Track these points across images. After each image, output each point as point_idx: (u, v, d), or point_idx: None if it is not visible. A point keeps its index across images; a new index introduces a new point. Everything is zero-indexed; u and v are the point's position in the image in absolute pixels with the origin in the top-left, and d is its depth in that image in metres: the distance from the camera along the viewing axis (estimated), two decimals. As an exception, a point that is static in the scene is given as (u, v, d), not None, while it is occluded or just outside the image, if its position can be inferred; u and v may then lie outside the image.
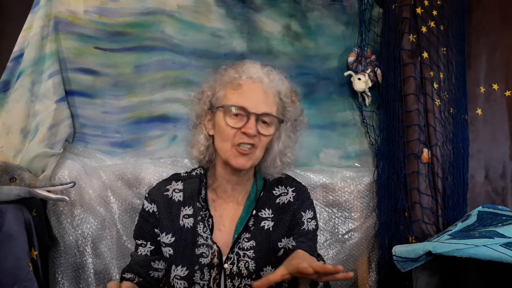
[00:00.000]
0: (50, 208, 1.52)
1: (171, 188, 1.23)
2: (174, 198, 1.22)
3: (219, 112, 1.16)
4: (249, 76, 1.15)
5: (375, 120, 1.84)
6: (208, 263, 1.16)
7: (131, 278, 1.21)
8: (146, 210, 1.22)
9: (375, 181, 1.75)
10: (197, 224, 1.19)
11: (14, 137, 1.51)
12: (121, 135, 1.67)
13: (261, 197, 1.24)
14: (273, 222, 1.21)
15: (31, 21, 1.59)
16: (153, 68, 1.71)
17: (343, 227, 1.72)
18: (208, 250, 1.17)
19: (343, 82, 1.86)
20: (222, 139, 1.15)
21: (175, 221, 1.19)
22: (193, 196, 1.21)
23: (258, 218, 1.21)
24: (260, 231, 1.20)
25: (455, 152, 1.67)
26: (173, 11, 1.73)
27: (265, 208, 1.22)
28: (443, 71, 1.70)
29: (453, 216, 1.60)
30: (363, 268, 1.72)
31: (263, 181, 1.27)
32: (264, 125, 1.16)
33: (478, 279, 1.25)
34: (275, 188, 1.26)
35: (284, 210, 1.23)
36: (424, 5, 1.69)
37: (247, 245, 1.18)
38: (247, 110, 1.12)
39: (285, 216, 1.22)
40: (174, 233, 1.19)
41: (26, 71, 1.55)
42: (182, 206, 1.21)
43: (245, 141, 1.13)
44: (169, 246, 1.19)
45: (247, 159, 1.15)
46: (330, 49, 1.88)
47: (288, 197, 1.25)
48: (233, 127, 1.13)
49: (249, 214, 1.21)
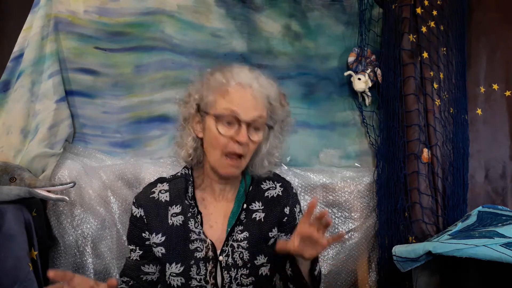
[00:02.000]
0: (50, 208, 1.51)
1: (157, 190, 1.26)
2: (161, 199, 1.24)
3: (210, 119, 1.17)
4: (238, 82, 1.16)
5: (375, 120, 1.84)
6: (203, 257, 1.19)
7: (127, 281, 1.24)
8: (134, 215, 1.24)
9: (375, 181, 1.75)
10: (188, 221, 1.21)
11: (14, 137, 1.51)
12: (121, 135, 1.67)
13: (250, 191, 1.28)
14: (264, 213, 1.26)
15: (31, 21, 1.59)
16: (153, 68, 1.71)
17: (343, 227, 1.72)
18: (202, 244, 1.20)
19: (343, 82, 1.86)
20: (213, 146, 1.17)
21: (163, 221, 1.21)
22: (180, 195, 1.24)
23: (250, 211, 1.25)
24: (252, 222, 1.24)
25: (455, 152, 1.67)
26: (173, 11, 1.73)
27: (255, 201, 1.27)
28: (443, 71, 1.70)
29: (453, 216, 1.60)
30: (363, 268, 1.72)
31: (250, 176, 1.31)
32: (254, 131, 1.18)
33: (478, 279, 1.25)
34: (263, 182, 1.31)
35: (274, 203, 1.28)
36: (424, 5, 1.69)
37: (240, 237, 1.22)
38: (239, 117, 1.14)
39: (275, 208, 1.27)
40: (164, 232, 1.21)
41: (26, 71, 1.54)
42: (169, 205, 1.23)
43: (235, 150, 1.15)
44: (160, 245, 1.21)
45: (236, 168, 1.19)
46: (330, 49, 1.88)
47: (277, 191, 1.29)
48: (225, 135, 1.14)
49: (240, 208, 1.25)
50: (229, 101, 1.14)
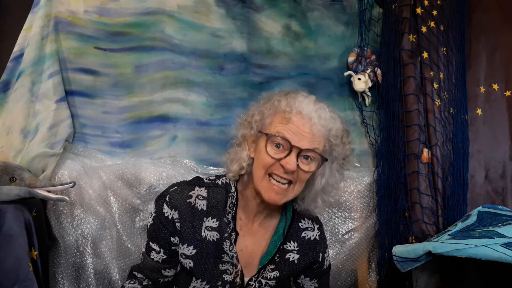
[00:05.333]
0: (50, 208, 1.51)
1: (194, 195, 1.19)
2: (197, 206, 1.17)
3: (262, 138, 1.14)
4: (299, 111, 1.12)
5: (375, 120, 1.84)
6: (231, 281, 1.17)
7: (141, 278, 1.21)
8: (166, 216, 1.17)
9: (375, 181, 1.75)
10: (223, 240, 1.16)
11: (14, 137, 1.51)
12: (121, 135, 1.67)
13: (289, 231, 1.23)
14: (298, 255, 1.22)
15: (31, 21, 1.58)
16: (153, 68, 1.70)
17: (343, 227, 1.72)
18: (232, 268, 1.17)
19: (343, 82, 1.86)
20: (259, 165, 1.13)
21: (197, 232, 1.16)
22: (218, 208, 1.17)
23: (284, 250, 1.22)
24: (285, 262, 1.21)
25: (455, 152, 1.67)
26: (173, 11, 1.73)
27: (291, 241, 1.23)
28: (443, 71, 1.70)
29: (453, 216, 1.60)
30: (363, 268, 1.72)
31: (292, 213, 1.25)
32: (306, 161, 1.12)
33: (478, 279, 1.25)
34: (302, 220, 1.26)
35: (310, 246, 1.24)
36: (424, 5, 1.69)
37: (270, 275, 1.20)
38: (290, 143, 1.09)
39: (310, 252, 1.24)
40: (196, 245, 1.16)
41: (26, 71, 1.54)
42: (205, 216, 1.17)
43: (281, 174, 1.10)
44: (190, 258, 1.16)
45: (282, 197, 1.13)
46: (330, 49, 1.87)
47: (314, 234, 1.26)
48: (272, 157, 1.10)
49: (276, 249, 1.21)
50: (286, 126, 1.11)
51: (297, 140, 1.10)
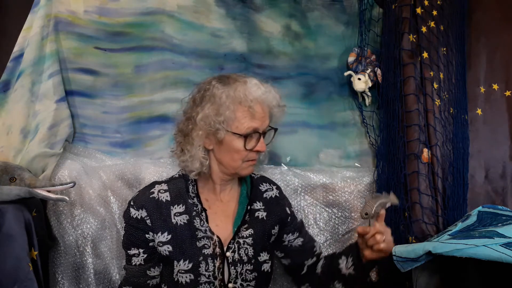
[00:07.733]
0: (50, 208, 1.52)
1: (156, 190, 1.28)
2: (161, 199, 1.26)
3: (232, 136, 1.23)
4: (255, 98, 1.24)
5: (375, 120, 1.84)
6: (211, 253, 1.23)
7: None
8: (134, 218, 1.24)
9: (375, 181, 1.75)
10: (193, 219, 1.25)
11: (14, 137, 1.51)
12: (121, 135, 1.67)
13: (252, 193, 1.36)
14: (265, 213, 1.35)
15: (31, 21, 1.58)
16: (153, 68, 1.70)
17: (343, 227, 1.73)
18: (209, 241, 1.24)
19: (343, 82, 1.86)
20: (234, 158, 1.26)
21: (167, 220, 1.24)
22: (181, 194, 1.28)
23: (252, 210, 1.33)
24: (255, 220, 1.32)
25: (455, 152, 1.67)
26: (173, 11, 1.73)
27: (256, 201, 1.36)
28: (443, 71, 1.69)
29: (453, 216, 1.60)
30: (363, 268, 1.72)
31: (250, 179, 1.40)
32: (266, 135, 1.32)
33: (478, 279, 1.25)
34: (260, 184, 1.41)
35: (273, 203, 1.39)
36: (424, 5, 1.69)
37: (245, 233, 1.28)
38: (259, 131, 1.26)
39: (275, 208, 1.38)
40: (169, 231, 1.24)
41: (26, 71, 1.54)
42: (171, 205, 1.26)
43: (254, 156, 1.29)
44: (167, 243, 1.23)
45: (253, 167, 1.33)
46: (330, 49, 1.87)
47: (275, 192, 1.41)
48: (251, 149, 1.25)
49: (244, 209, 1.33)
50: (251, 119, 1.23)
51: (261, 125, 1.26)
